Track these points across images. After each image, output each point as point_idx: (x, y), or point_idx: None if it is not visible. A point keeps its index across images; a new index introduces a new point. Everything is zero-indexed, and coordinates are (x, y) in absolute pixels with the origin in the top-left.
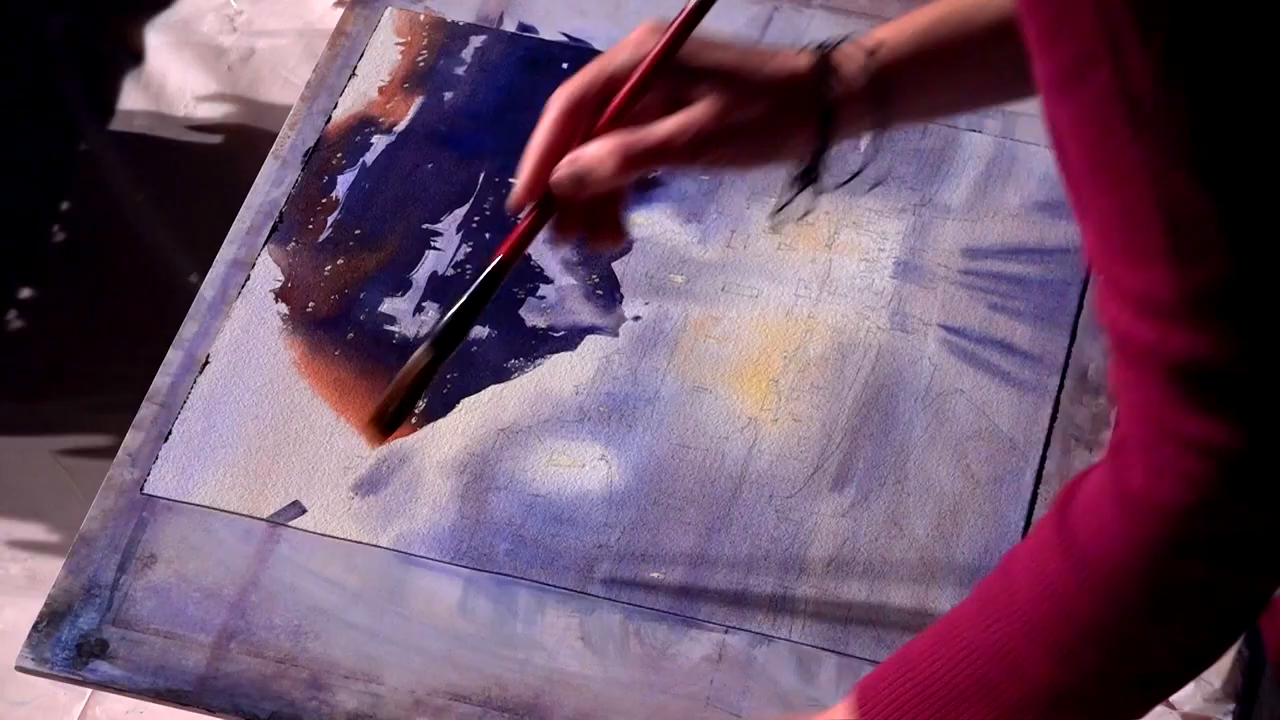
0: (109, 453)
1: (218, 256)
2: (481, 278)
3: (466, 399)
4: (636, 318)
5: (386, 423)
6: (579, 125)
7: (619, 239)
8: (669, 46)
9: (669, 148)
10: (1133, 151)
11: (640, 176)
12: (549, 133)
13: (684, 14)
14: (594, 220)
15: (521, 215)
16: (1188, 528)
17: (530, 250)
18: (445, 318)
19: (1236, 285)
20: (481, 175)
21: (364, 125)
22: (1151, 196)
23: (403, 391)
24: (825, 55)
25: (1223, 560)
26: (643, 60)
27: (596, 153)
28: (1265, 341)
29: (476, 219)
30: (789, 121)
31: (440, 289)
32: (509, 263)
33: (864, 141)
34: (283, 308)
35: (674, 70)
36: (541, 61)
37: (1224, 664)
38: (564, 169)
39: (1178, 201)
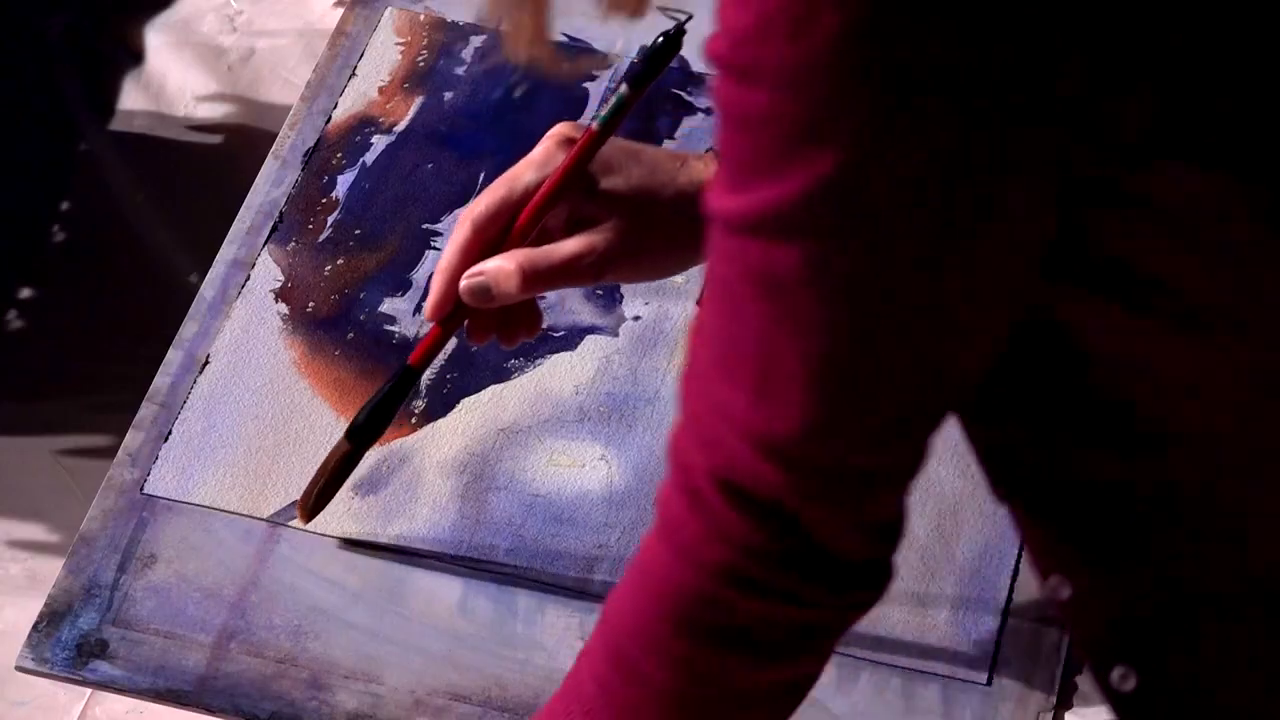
0: (109, 453)
1: (218, 256)
2: (392, 381)
3: (466, 399)
4: (636, 318)
5: (309, 509)
6: (487, 245)
7: (533, 330)
8: (573, 166)
9: (573, 269)
10: (754, 305)
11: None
12: (457, 254)
13: (587, 136)
14: (506, 317)
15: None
16: (695, 612)
17: None
18: (361, 414)
19: (796, 440)
20: (481, 175)
21: (364, 125)
22: (755, 344)
23: (324, 479)
24: None
25: (727, 645)
26: (548, 179)
27: (501, 268)
28: (804, 485)
29: None
30: (696, 238)
31: None
32: (420, 370)
33: None
34: (283, 308)
35: (581, 187)
36: None
37: None
38: (468, 281)
39: (776, 358)
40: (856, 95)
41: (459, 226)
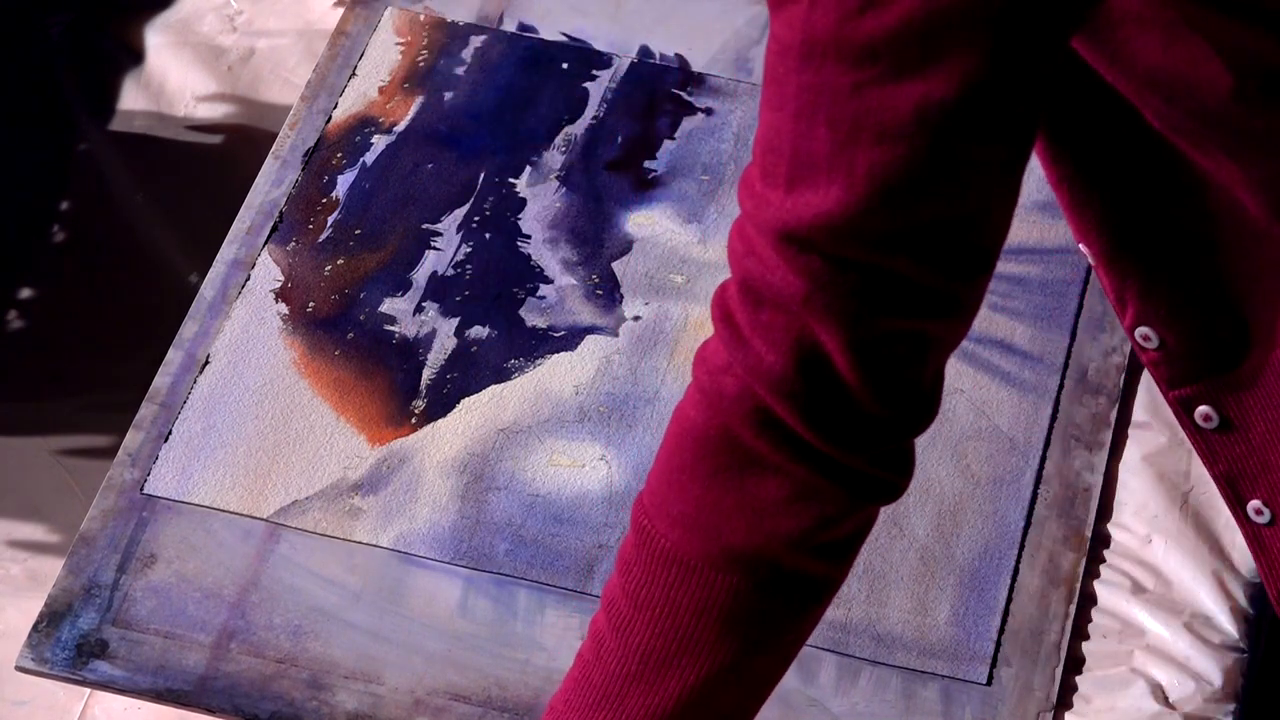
0: (109, 453)
1: (218, 256)
2: None
3: (466, 399)
4: (636, 318)
5: None
6: None
7: None
8: None
9: None
10: (793, 80)
11: None
12: None
13: None
14: None
15: None
16: (709, 450)
17: (530, 250)
18: None
19: (816, 224)
20: (481, 175)
21: (364, 125)
22: (791, 125)
23: None
24: None
25: (735, 490)
26: None
27: None
28: (821, 283)
29: (476, 219)
30: None
31: (440, 289)
32: None
33: None
34: (283, 308)
35: None
36: (541, 61)
37: (1225, 663)
38: None
39: (808, 137)
40: None
41: None
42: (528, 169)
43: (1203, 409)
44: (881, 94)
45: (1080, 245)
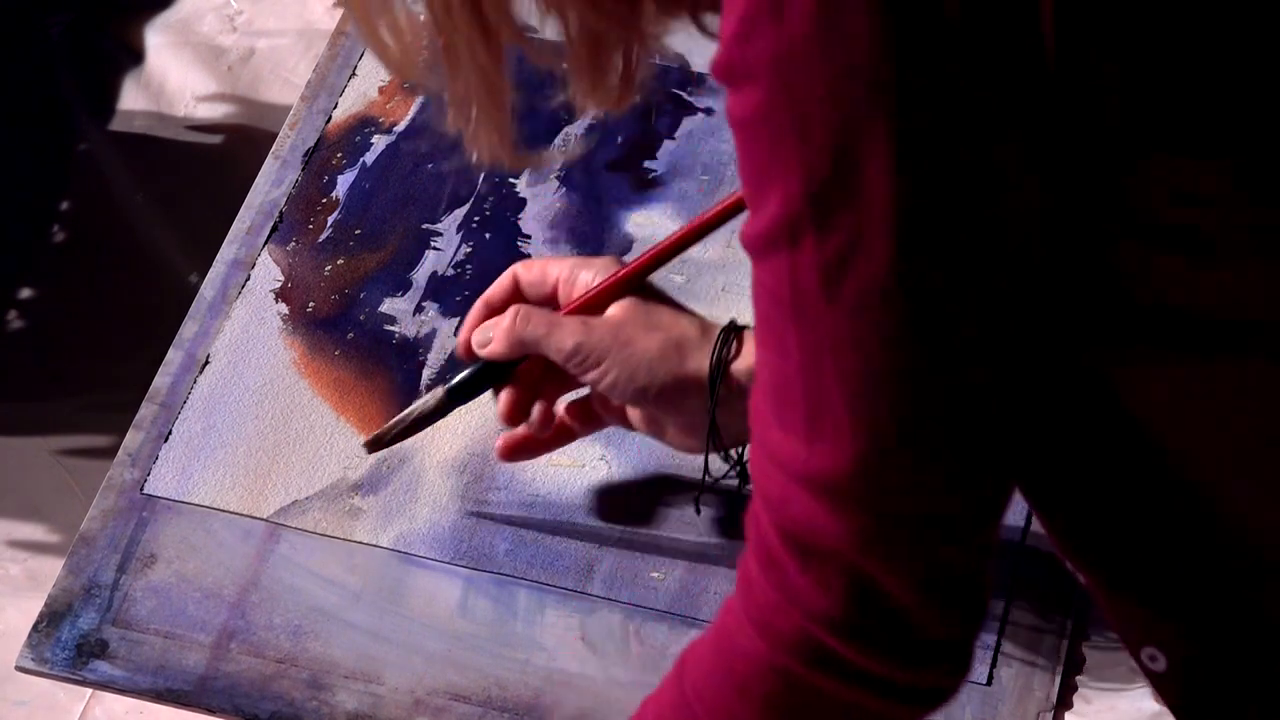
0: (109, 453)
1: (218, 256)
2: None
3: None
4: None
5: (381, 445)
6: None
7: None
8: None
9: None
10: (792, 333)
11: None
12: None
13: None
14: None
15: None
16: (769, 688)
17: (530, 250)
18: (467, 374)
19: (846, 476)
20: (481, 175)
21: (364, 125)
22: (800, 376)
23: (403, 426)
24: (724, 366)
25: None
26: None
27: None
28: (860, 530)
29: (476, 219)
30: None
31: (440, 289)
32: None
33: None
34: (283, 308)
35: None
36: None
37: None
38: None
39: (819, 388)
40: (837, 77)
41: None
42: (528, 169)
43: None
44: (883, 341)
45: (1067, 562)
